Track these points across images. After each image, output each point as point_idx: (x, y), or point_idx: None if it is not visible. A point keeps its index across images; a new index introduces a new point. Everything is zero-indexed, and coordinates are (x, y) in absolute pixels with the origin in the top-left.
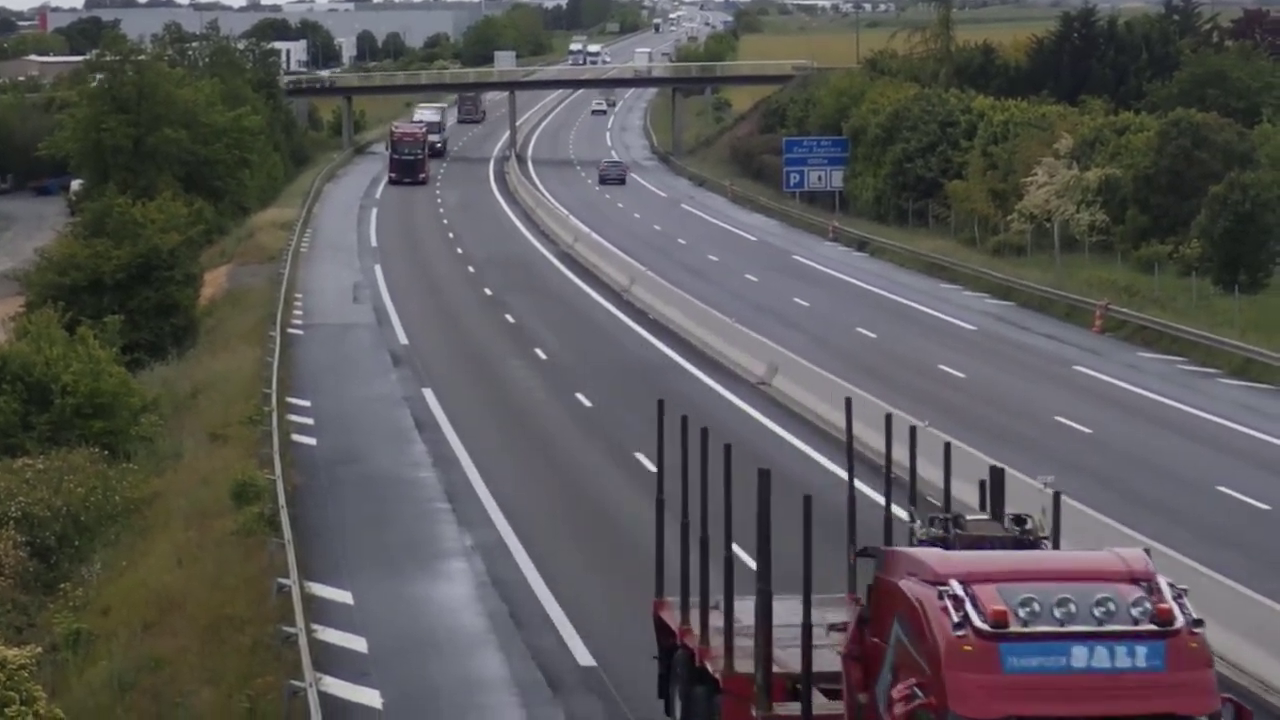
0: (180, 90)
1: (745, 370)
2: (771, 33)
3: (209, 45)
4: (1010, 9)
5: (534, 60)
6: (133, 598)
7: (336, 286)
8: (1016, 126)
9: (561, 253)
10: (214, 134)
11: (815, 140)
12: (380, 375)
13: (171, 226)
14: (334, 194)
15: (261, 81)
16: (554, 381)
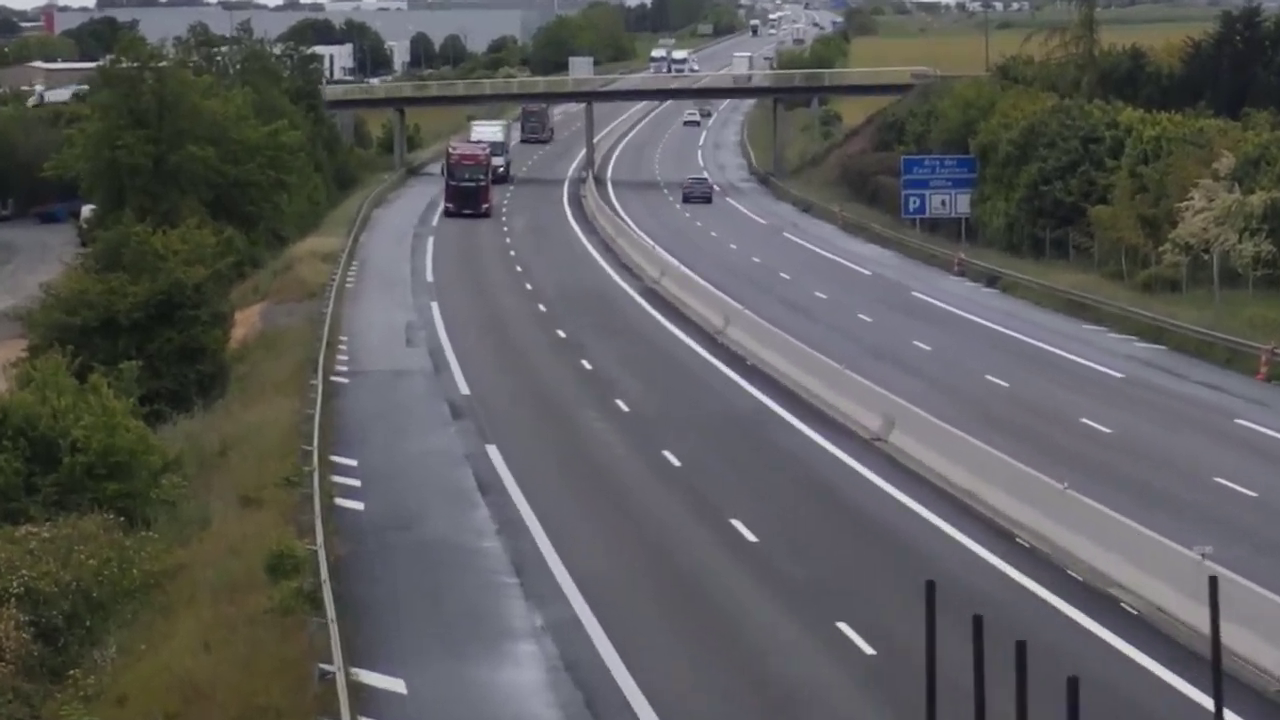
0: (207, 101)
1: (857, 423)
2: (887, 35)
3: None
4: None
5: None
6: (153, 685)
7: (387, 327)
8: (1170, 143)
9: (646, 288)
10: (246, 152)
11: (938, 159)
12: (437, 429)
13: (197, 258)
14: (384, 220)
15: (301, 91)
16: (637, 436)
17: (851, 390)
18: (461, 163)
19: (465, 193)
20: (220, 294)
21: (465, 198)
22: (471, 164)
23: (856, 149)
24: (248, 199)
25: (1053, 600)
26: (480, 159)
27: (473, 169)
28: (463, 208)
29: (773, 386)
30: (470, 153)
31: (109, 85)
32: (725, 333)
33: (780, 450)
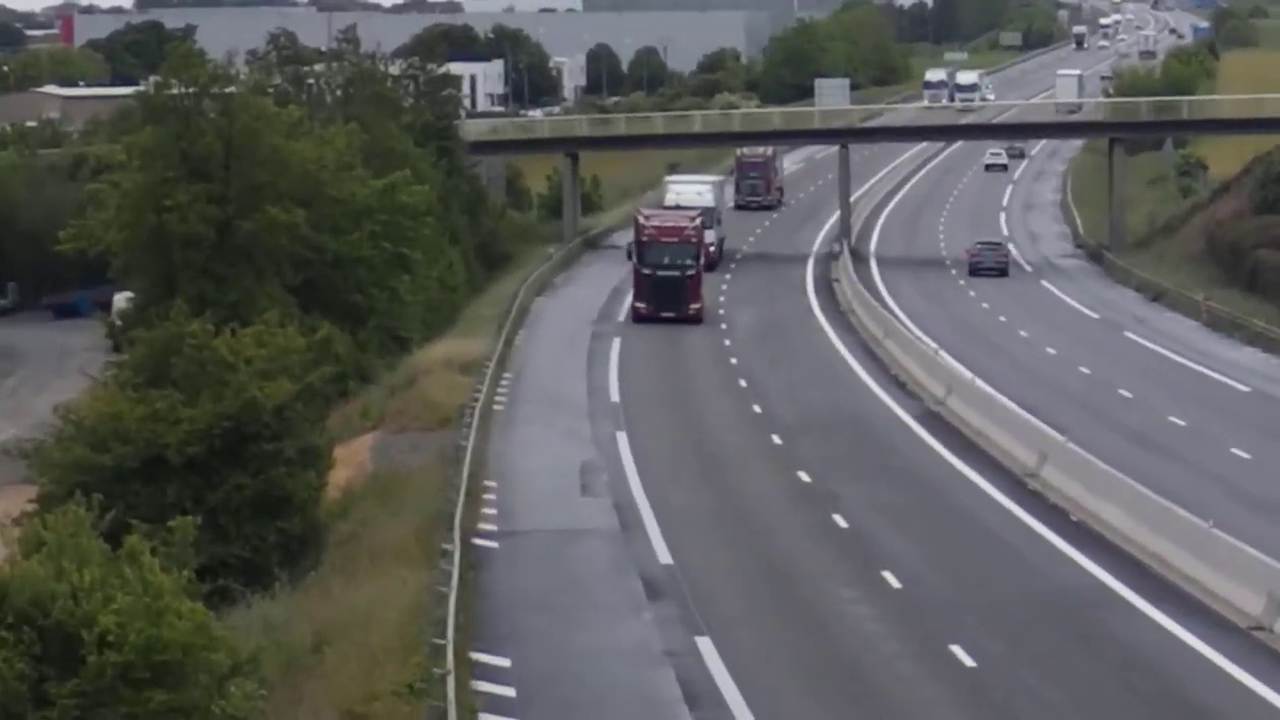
0: (295, 143)
1: (1231, 607)
2: (1274, 45)
3: (342, 69)
4: None
5: (880, 93)
6: None
7: (554, 468)
8: None
9: (926, 411)
10: (351, 216)
11: None
12: (626, 615)
13: (280, 369)
14: (550, 314)
15: (430, 129)
16: (913, 625)
17: (1223, 559)
18: (659, 240)
19: (665, 286)
20: (313, 420)
21: (664, 293)
22: (674, 242)
23: (1228, 211)
24: (353, 284)
25: None
26: (687, 234)
27: (676, 249)
28: (661, 308)
29: (1110, 554)
30: (671, 225)
31: (153, 119)
32: (1040, 475)
33: (1122, 647)
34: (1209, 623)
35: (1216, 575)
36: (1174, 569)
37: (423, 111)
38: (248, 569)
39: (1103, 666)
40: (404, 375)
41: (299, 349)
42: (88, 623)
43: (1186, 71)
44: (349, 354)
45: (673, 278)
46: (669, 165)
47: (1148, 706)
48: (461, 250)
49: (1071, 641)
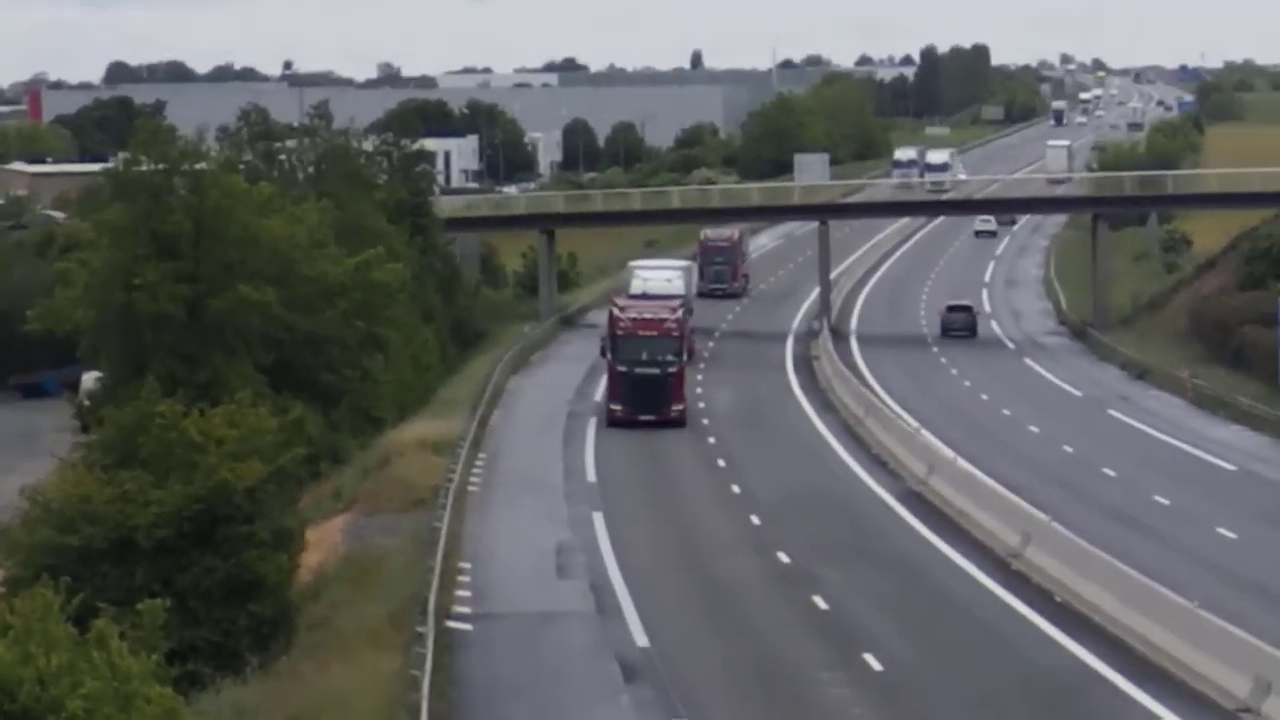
0: (266, 221)
1: (1225, 693)
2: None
3: (315, 144)
4: None
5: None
6: None
7: (529, 550)
8: None
9: (908, 491)
10: (323, 294)
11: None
12: (604, 700)
13: (251, 450)
14: (526, 394)
15: (404, 205)
16: (896, 709)
17: (1210, 641)
18: (636, 334)
19: (643, 385)
20: (285, 502)
21: (643, 394)
22: (654, 336)
23: (1214, 287)
24: (325, 363)
25: None
26: (668, 327)
27: (656, 344)
28: (639, 410)
29: (1095, 635)
30: (650, 316)
31: (122, 197)
32: (1024, 556)
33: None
34: (1195, 705)
35: (1203, 656)
36: (1159, 650)
37: (396, 188)
38: (218, 653)
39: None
40: (377, 456)
41: (270, 429)
42: (55, 709)
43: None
44: (321, 434)
45: (652, 376)
46: (646, 242)
47: None
48: (436, 329)
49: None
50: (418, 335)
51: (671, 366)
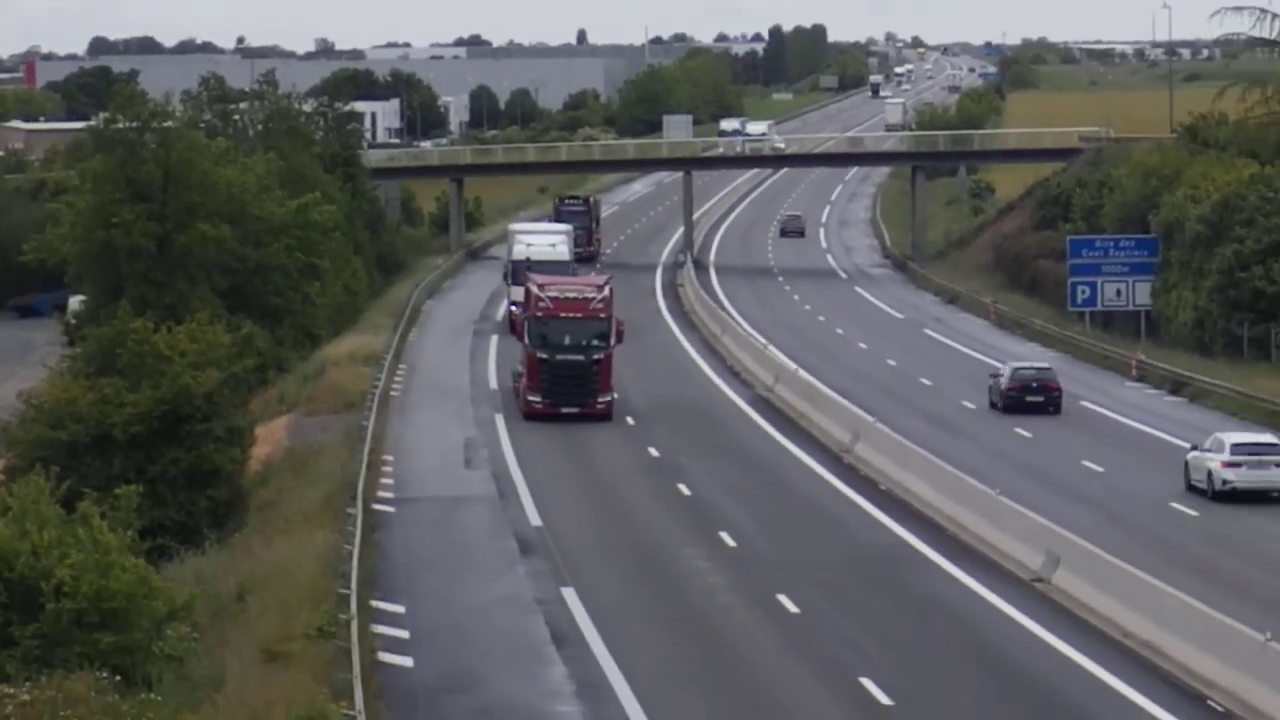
0: (222, 169)
1: (1015, 561)
2: (1051, 88)
3: (263, 106)
4: None
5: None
6: None
7: (442, 445)
8: None
9: (757, 397)
10: (270, 231)
11: (1112, 240)
12: (503, 569)
13: (209, 361)
14: (438, 314)
15: (337, 157)
16: (746, 577)
17: (1008, 522)
18: (558, 315)
19: (566, 374)
20: (237, 404)
21: (566, 384)
22: (578, 318)
23: (1012, 227)
24: (271, 288)
25: None
26: (594, 308)
27: (580, 327)
28: (561, 402)
29: (912, 517)
30: (575, 296)
31: (102, 149)
32: (854, 451)
33: (920, 594)
34: (997, 576)
35: (1003, 535)
36: (967, 530)
37: (331, 143)
38: (182, 530)
39: (905, 609)
40: (314, 366)
41: (225, 344)
42: (46, 575)
43: (977, 109)
44: (268, 348)
45: (576, 364)
46: (539, 188)
47: (941, 639)
48: (363, 260)
49: (878, 589)
50: (348, 266)
51: (598, 353)
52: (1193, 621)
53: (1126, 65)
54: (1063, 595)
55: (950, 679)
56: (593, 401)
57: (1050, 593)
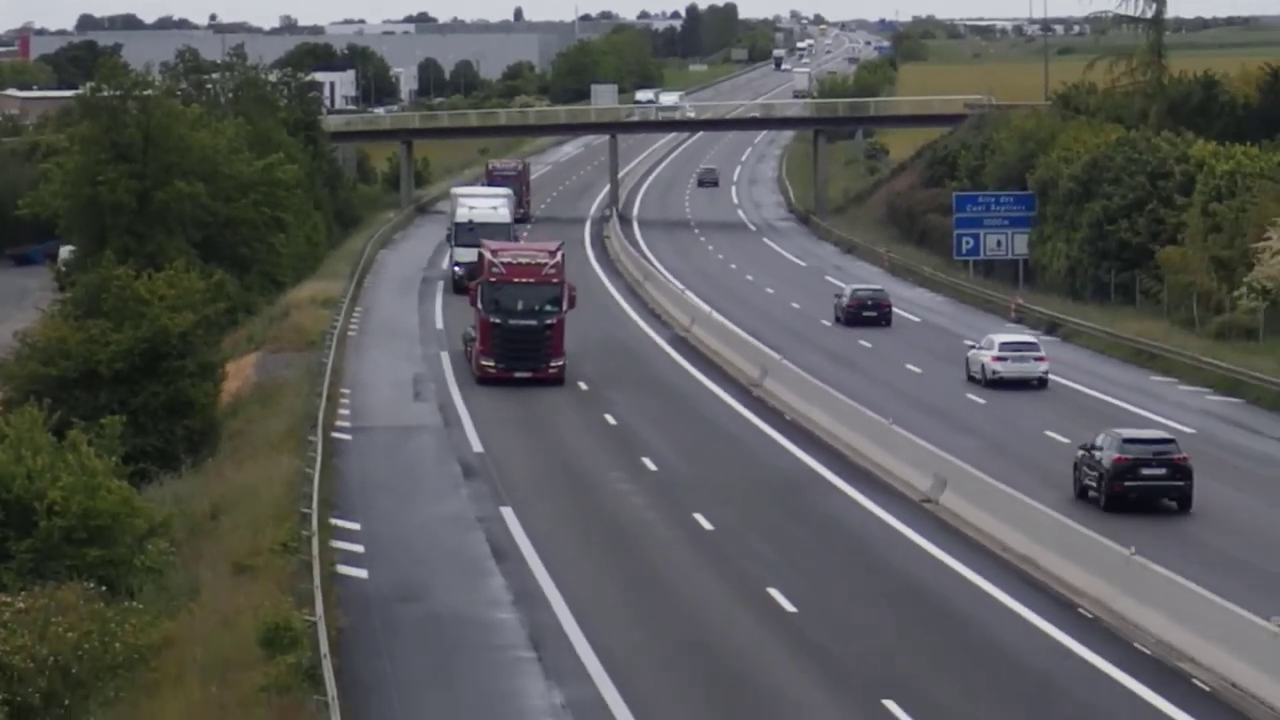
0: (197, 133)
1: (906, 484)
2: (938, 61)
3: (233, 76)
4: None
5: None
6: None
7: (393, 380)
8: (1246, 179)
9: (676, 337)
10: (239, 188)
11: (993, 196)
12: (448, 491)
13: (185, 304)
14: (390, 263)
15: (299, 122)
16: (666, 499)
17: (900, 448)
18: (510, 281)
19: (519, 338)
20: (210, 343)
21: (519, 348)
22: (530, 283)
23: (904, 185)
24: (240, 239)
25: (1118, 676)
26: (547, 273)
27: (533, 292)
28: (514, 366)
29: (814, 444)
30: (527, 262)
31: (89, 115)
32: (762, 385)
33: (822, 513)
34: (891, 497)
35: (896, 461)
36: (864, 456)
37: (293, 109)
38: (161, 456)
39: (808, 526)
40: (279, 309)
41: (199, 289)
42: (39, 496)
43: (873, 79)
44: (237, 293)
45: (528, 328)
46: (480, 150)
47: (840, 554)
48: (323, 214)
49: (784, 508)
50: (309, 219)
51: (550, 318)
52: (1065, 538)
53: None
54: (949, 514)
55: (847, 589)
56: (545, 366)
57: (938, 512)
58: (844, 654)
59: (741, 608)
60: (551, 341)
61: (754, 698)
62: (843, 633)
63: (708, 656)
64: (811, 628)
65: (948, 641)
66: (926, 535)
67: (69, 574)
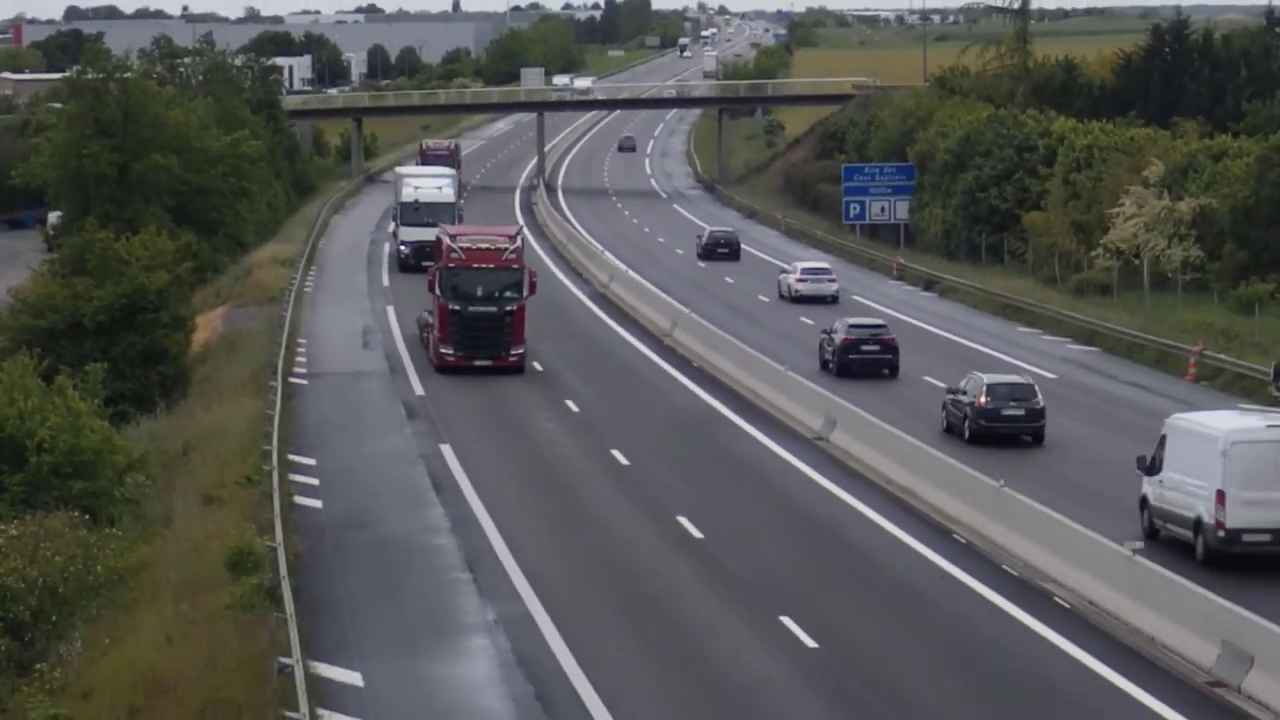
0: (170, 111)
1: (800, 424)
2: (829, 47)
3: (202, 61)
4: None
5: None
6: (117, 680)
7: (344, 331)
8: (1102, 152)
9: (596, 293)
10: (208, 160)
11: (877, 167)
12: (393, 430)
13: (159, 264)
14: (342, 227)
15: (261, 102)
16: (587, 437)
17: (795, 392)
18: (469, 266)
19: (479, 326)
20: (182, 298)
21: (478, 336)
22: (489, 268)
23: (799, 157)
24: (209, 206)
25: (988, 595)
26: (507, 259)
27: (492, 278)
28: (474, 354)
29: (720, 388)
30: (486, 247)
31: (75, 96)
32: (673, 336)
33: (726, 450)
34: (787, 435)
35: (792, 403)
36: (763, 399)
37: (256, 90)
38: (138, 399)
39: (714, 461)
40: (244, 268)
41: (171, 250)
42: (30, 435)
43: (771, 63)
44: (206, 254)
45: (488, 315)
46: (423, 126)
47: (743, 485)
48: (282, 184)
49: (693, 445)
50: (270, 188)
51: (510, 304)
52: (941, 471)
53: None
54: (839, 450)
55: (749, 517)
56: (505, 354)
57: (829, 449)
58: (746, 575)
59: (654, 534)
60: (512, 328)
61: (665, 614)
62: (744, 556)
63: (624, 577)
64: (717, 552)
65: (838, 564)
66: (819, 469)
67: (56, 504)
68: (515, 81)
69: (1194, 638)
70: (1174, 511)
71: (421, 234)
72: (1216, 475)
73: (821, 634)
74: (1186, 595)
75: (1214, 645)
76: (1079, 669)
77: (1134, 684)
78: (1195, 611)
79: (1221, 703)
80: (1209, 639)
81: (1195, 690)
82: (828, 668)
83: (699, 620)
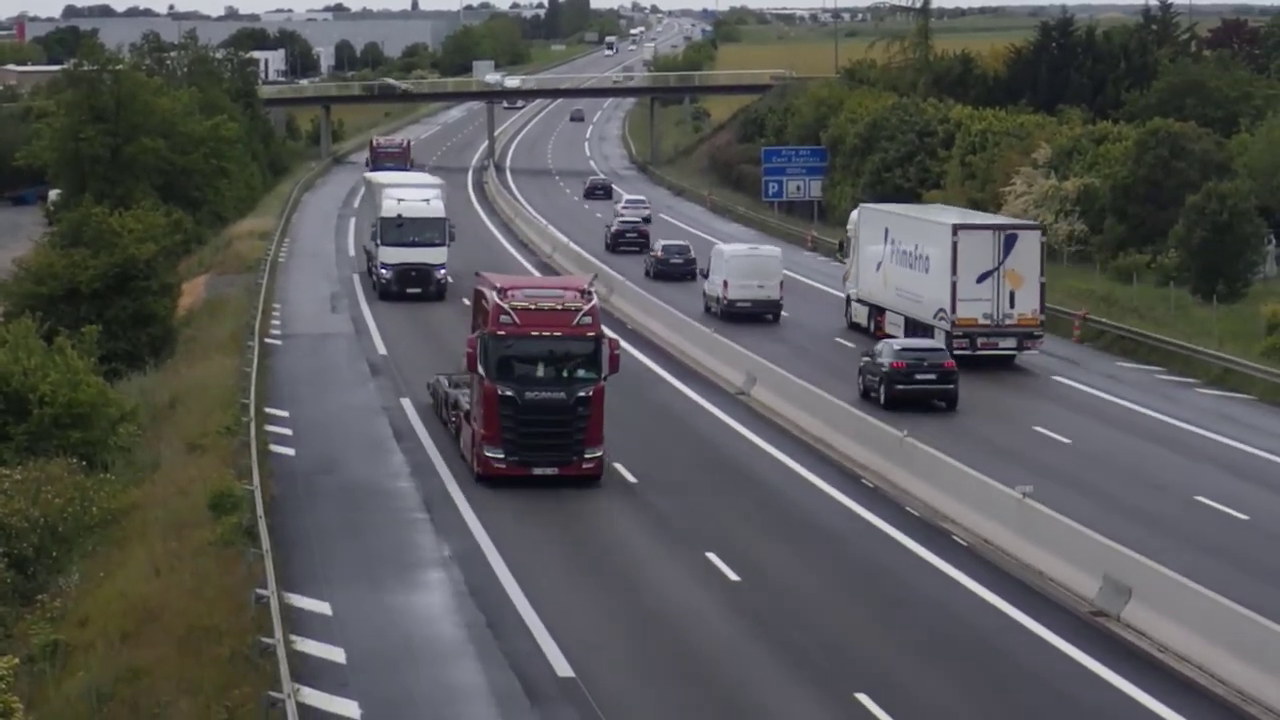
0: (158, 99)
1: (725, 380)
2: (750, 42)
3: (187, 55)
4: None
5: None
6: (110, 609)
7: (314, 296)
8: (995, 136)
9: (540, 263)
10: (192, 143)
11: (794, 150)
12: (358, 385)
13: (148, 236)
14: (312, 204)
15: (239, 91)
16: None
17: (720, 352)
18: (528, 334)
19: (543, 419)
20: (169, 267)
21: (543, 433)
22: (556, 336)
23: (723, 141)
24: (193, 184)
25: (894, 533)
26: (575, 322)
27: (560, 347)
28: (535, 458)
29: (652, 348)
30: (552, 306)
31: (73, 85)
32: (610, 301)
33: (658, 403)
34: (714, 390)
35: (717, 362)
36: (693, 359)
37: (235, 81)
38: (129, 358)
39: (647, 414)
40: (224, 240)
41: (160, 224)
42: (33, 389)
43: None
44: (191, 228)
45: (554, 403)
46: (385, 113)
47: (673, 435)
48: (258, 165)
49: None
50: (248, 168)
51: (584, 389)
52: (851, 423)
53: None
54: (759, 404)
55: (677, 463)
56: (578, 457)
57: (750, 403)
58: (674, 515)
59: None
60: (587, 422)
61: (602, 549)
62: (674, 498)
63: (565, 514)
64: (648, 494)
65: (757, 505)
66: (741, 421)
67: (56, 452)
68: (468, 73)
69: (1078, 572)
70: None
71: (406, 255)
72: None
73: (743, 569)
74: (1071, 534)
75: (1096, 579)
76: (975, 600)
77: (1024, 613)
78: (1079, 548)
79: (1103, 630)
80: (1092, 573)
81: (1079, 619)
82: (749, 599)
83: (633, 555)
